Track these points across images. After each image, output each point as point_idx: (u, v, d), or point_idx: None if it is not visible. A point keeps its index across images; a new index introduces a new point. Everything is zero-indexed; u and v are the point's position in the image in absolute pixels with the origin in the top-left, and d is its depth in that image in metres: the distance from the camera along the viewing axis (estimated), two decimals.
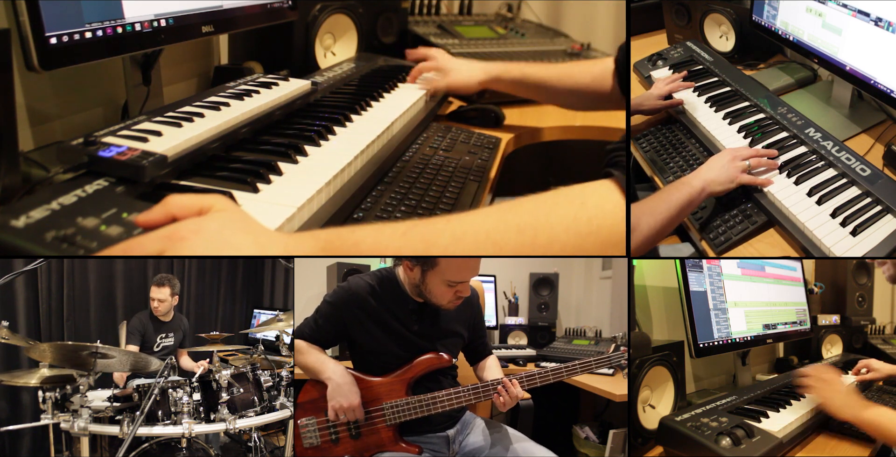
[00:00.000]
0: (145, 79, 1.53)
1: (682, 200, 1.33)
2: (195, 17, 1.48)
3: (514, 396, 1.45)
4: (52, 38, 1.12)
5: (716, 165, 1.44)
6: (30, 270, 2.44)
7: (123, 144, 1.09)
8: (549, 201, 1.01)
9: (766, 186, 1.47)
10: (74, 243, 0.85)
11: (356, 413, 1.44)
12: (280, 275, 3.75)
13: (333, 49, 2.20)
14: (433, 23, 2.59)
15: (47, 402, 2.04)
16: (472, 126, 1.95)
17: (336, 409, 1.44)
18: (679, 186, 1.36)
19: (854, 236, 1.33)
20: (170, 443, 2.18)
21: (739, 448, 1.19)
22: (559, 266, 2.84)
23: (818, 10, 1.68)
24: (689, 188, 1.35)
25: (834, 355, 2.23)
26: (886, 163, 1.54)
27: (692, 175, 1.41)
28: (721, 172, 1.43)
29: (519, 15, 2.96)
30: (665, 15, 2.25)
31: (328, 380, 1.46)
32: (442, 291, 1.44)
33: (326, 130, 1.42)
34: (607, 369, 2.12)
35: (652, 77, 1.97)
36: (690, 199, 1.35)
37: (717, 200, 1.55)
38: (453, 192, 1.42)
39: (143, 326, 2.65)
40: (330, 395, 1.45)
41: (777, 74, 1.96)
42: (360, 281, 1.52)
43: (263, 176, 1.15)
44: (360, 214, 1.26)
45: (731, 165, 1.44)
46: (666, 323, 1.77)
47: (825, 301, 2.46)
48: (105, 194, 0.99)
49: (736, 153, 1.47)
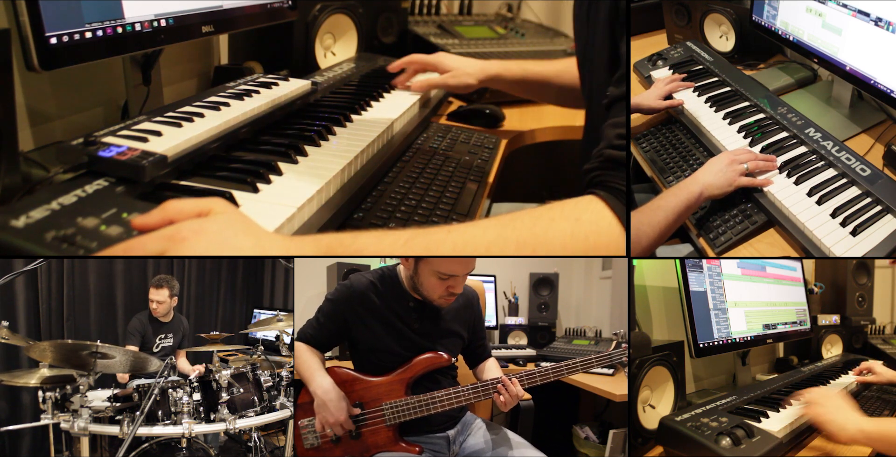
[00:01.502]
0: (145, 79, 1.53)
1: (679, 206, 1.33)
2: (195, 17, 1.48)
3: (514, 394, 1.44)
4: (52, 38, 1.12)
5: (713, 168, 1.44)
6: (30, 270, 2.44)
7: (123, 144, 1.09)
8: (545, 216, 1.02)
9: (765, 187, 1.47)
10: (74, 243, 0.85)
11: (344, 426, 1.44)
12: (280, 275, 3.75)
13: (333, 49, 2.20)
14: (433, 23, 2.59)
15: (47, 402, 2.04)
16: (472, 126, 1.95)
17: (323, 423, 1.45)
18: (676, 192, 1.36)
19: (854, 236, 1.33)
20: (170, 443, 2.18)
21: (739, 448, 1.19)
22: (559, 266, 2.85)
23: (818, 10, 1.68)
24: (686, 193, 1.36)
25: (834, 356, 2.23)
26: (886, 163, 1.54)
27: (690, 179, 1.41)
28: (719, 175, 1.43)
29: (519, 15, 2.96)
30: (665, 15, 2.25)
31: (314, 394, 1.45)
32: (433, 283, 1.43)
33: (326, 130, 1.42)
34: (607, 369, 2.12)
35: (652, 77, 1.97)
36: (688, 204, 1.35)
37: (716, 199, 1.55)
38: (453, 192, 1.42)
39: (142, 326, 2.65)
40: (316, 409, 1.45)
41: (777, 74, 1.96)
42: (361, 278, 1.52)
43: (263, 176, 1.15)
44: (360, 214, 1.26)
45: (728, 169, 1.44)
46: (666, 323, 1.77)
47: (825, 301, 2.46)
48: (105, 194, 0.99)
49: (734, 157, 1.47)
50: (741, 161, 1.46)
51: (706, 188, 1.39)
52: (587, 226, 1.01)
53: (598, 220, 1.02)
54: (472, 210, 1.39)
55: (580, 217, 1.02)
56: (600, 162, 1.11)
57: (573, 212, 1.03)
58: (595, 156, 1.13)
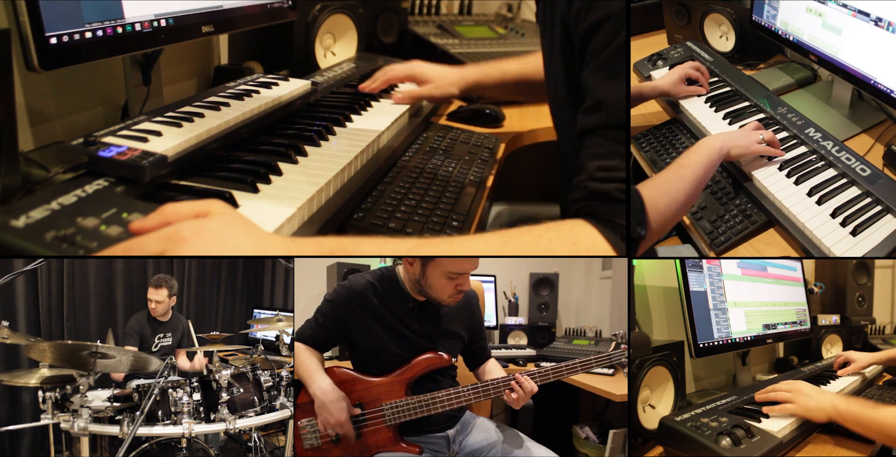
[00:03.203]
0: (145, 79, 1.53)
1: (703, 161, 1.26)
2: (195, 17, 1.48)
3: (528, 390, 1.44)
4: (52, 38, 1.12)
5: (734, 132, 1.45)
6: (30, 270, 2.44)
7: (123, 144, 1.09)
8: (544, 238, 1.01)
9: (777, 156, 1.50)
10: (74, 243, 0.85)
11: (344, 428, 1.44)
12: (280, 275, 3.75)
13: (333, 49, 2.20)
14: (433, 23, 2.59)
15: (47, 402, 2.04)
16: (472, 126, 1.95)
17: (323, 424, 1.45)
18: (697, 149, 1.29)
19: (854, 236, 1.33)
20: (170, 443, 2.18)
21: (739, 448, 1.19)
22: (559, 266, 2.84)
23: (818, 10, 1.68)
24: (706, 149, 1.30)
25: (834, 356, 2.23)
26: (886, 163, 1.54)
27: (709, 137, 1.37)
28: (739, 136, 1.44)
29: (519, 15, 2.96)
30: (665, 15, 2.25)
31: (314, 395, 1.45)
32: (442, 284, 1.44)
33: (326, 130, 1.42)
34: (607, 369, 2.12)
35: (652, 77, 1.97)
36: (710, 158, 1.28)
37: (716, 198, 1.55)
38: (453, 192, 1.43)
39: (140, 326, 2.65)
40: (316, 410, 1.45)
41: (777, 74, 1.96)
42: (360, 279, 1.52)
43: (263, 176, 1.15)
44: (360, 214, 1.26)
45: (748, 134, 1.45)
46: (666, 323, 1.77)
47: (825, 301, 2.46)
48: (105, 194, 0.99)
49: (753, 127, 1.51)
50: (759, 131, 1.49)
51: (726, 143, 1.35)
52: (582, 252, 1.01)
53: (594, 246, 1.02)
54: (472, 210, 1.39)
55: (577, 242, 1.02)
56: (584, 194, 1.08)
57: (569, 236, 1.03)
58: (578, 186, 1.09)
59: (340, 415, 1.43)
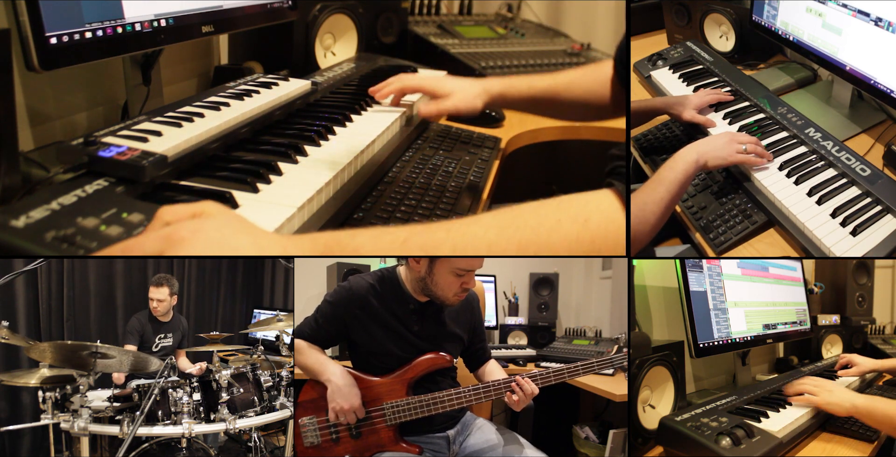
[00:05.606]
0: (145, 79, 1.53)
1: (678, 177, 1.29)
2: (195, 17, 1.48)
3: (529, 393, 1.44)
4: (52, 38, 1.12)
5: (712, 141, 1.45)
6: (30, 270, 2.44)
7: (123, 144, 1.09)
8: (551, 217, 0.98)
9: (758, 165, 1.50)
10: (74, 243, 0.85)
11: (357, 414, 1.44)
12: (280, 275, 3.75)
13: (333, 49, 2.20)
14: (433, 23, 2.59)
15: (47, 402, 2.04)
16: (472, 126, 1.95)
17: (336, 411, 1.44)
18: (672, 165, 1.32)
19: (854, 236, 1.33)
20: (170, 443, 2.19)
21: (739, 448, 1.19)
22: (559, 266, 2.85)
23: (818, 10, 1.68)
24: (683, 164, 1.32)
25: (834, 356, 2.23)
26: (886, 163, 1.54)
27: (684, 149, 1.36)
28: (718, 146, 1.42)
29: (519, 15, 2.96)
30: (665, 15, 2.25)
31: (328, 381, 1.46)
32: (449, 281, 1.43)
33: (326, 130, 1.42)
34: (607, 370, 2.12)
35: (652, 77, 1.97)
36: (686, 174, 1.31)
37: (716, 198, 1.55)
38: (453, 192, 1.43)
39: (141, 326, 2.65)
40: (330, 396, 1.45)
41: (777, 74, 1.96)
42: (360, 281, 1.52)
43: (263, 176, 1.15)
44: (360, 214, 1.26)
45: (728, 144, 1.44)
46: (666, 323, 1.77)
47: (825, 301, 2.46)
48: (105, 194, 0.99)
49: (734, 137, 1.49)
50: (740, 141, 1.47)
51: (702, 155, 1.36)
52: (594, 231, 0.97)
53: (608, 224, 0.98)
54: (472, 210, 1.40)
55: (589, 219, 0.98)
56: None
57: (582, 212, 0.99)
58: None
59: (355, 399, 1.43)
